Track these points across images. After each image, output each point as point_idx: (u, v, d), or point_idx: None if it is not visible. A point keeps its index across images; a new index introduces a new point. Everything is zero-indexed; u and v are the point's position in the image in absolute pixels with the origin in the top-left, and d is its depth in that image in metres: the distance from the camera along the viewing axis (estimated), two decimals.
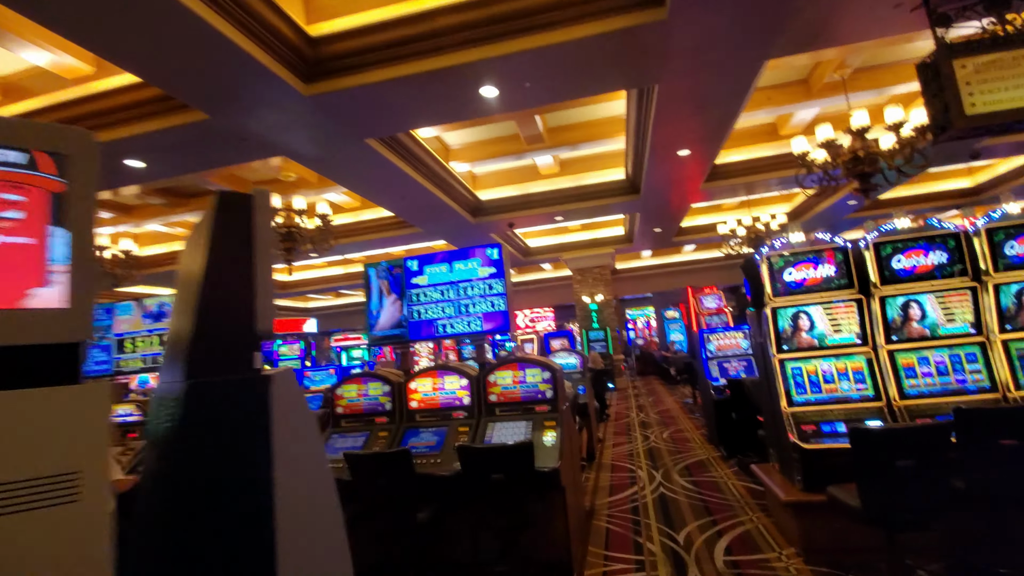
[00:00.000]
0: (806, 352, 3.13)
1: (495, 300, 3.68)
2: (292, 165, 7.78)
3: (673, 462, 5.56)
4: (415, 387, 3.74)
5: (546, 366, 3.51)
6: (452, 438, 3.46)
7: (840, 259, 3.12)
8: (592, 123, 7.78)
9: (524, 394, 3.53)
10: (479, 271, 3.74)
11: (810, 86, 7.15)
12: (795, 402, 3.09)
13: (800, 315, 3.14)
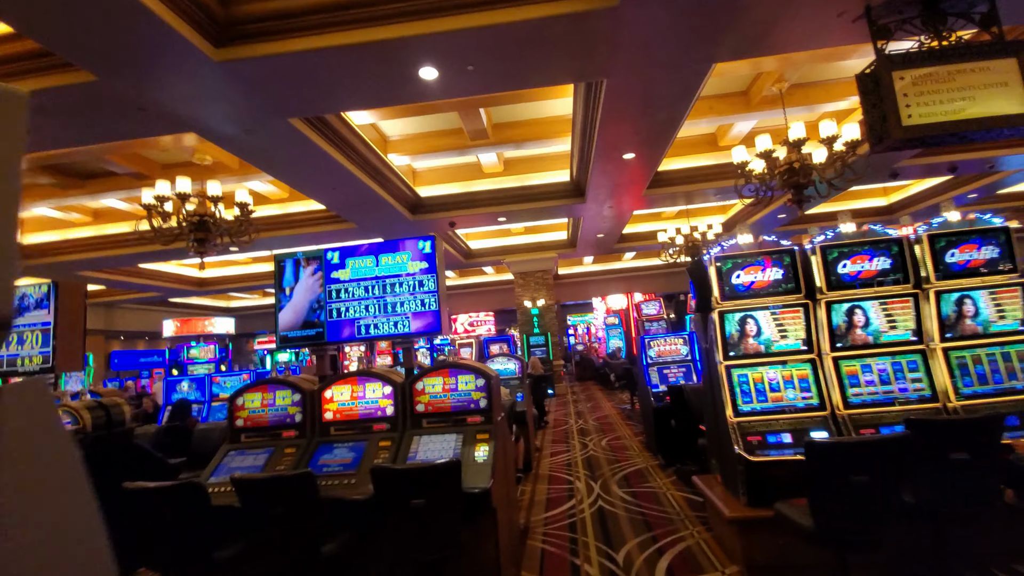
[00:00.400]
0: (752, 359, 2.99)
1: (426, 298, 3.30)
2: (208, 146, 7.01)
3: (611, 472, 5.36)
4: (331, 396, 3.29)
5: (480, 372, 3.17)
6: (371, 454, 3.04)
7: (788, 262, 3.01)
8: (538, 122, 7.57)
9: (455, 403, 3.17)
10: (409, 266, 3.35)
11: (749, 98, 7.29)
12: (741, 411, 2.93)
13: (747, 320, 2.99)
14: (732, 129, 8.29)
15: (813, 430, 2.85)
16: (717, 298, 3.04)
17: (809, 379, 2.94)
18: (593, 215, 10.09)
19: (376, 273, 3.36)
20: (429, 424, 3.17)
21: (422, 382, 3.21)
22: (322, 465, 3.02)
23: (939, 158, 8.79)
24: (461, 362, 3.22)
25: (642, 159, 7.18)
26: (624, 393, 11.97)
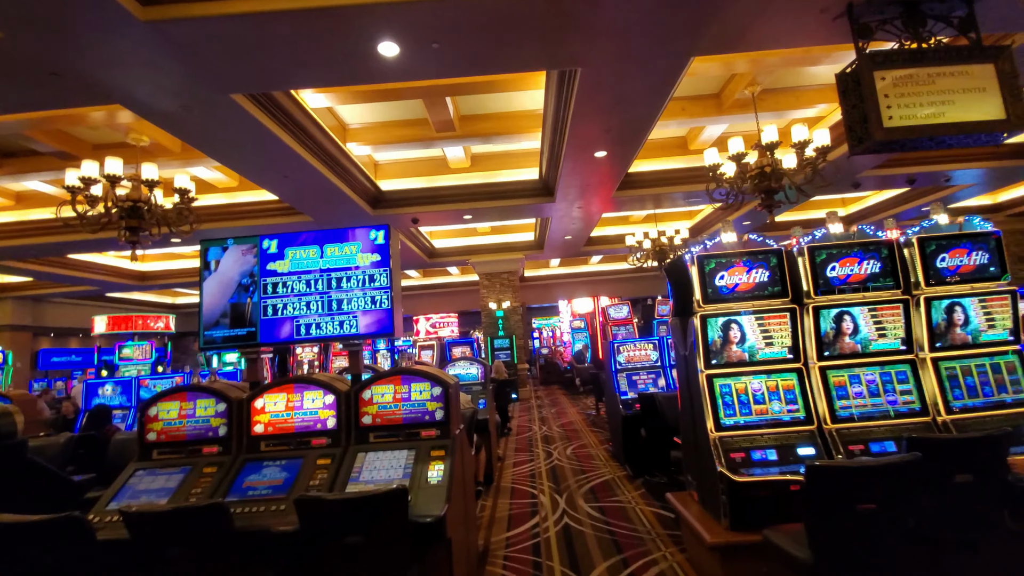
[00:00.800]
0: (736, 368, 2.74)
1: (378, 295, 2.91)
2: (144, 126, 6.36)
3: (577, 484, 5.07)
4: (262, 406, 2.85)
5: (436, 379, 2.80)
6: (307, 475, 2.62)
7: (774, 264, 2.78)
8: (508, 115, 7.26)
9: (407, 415, 2.79)
10: (359, 258, 2.95)
11: (721, 101, 7.20)
12: (723, 425, 2.68)
13: (731, 325, 2.74)
14: (703, 133, 8.21)
15: (800, 446, 2.62)
16: (699, 301, 2.78)
17: (795, 390, 2.72)
18: (562, 215, 9.85)
19: (320, 265, 2.95)
20: (377, 439, 2.78)
21: (369, 390, 2.81)
22: (247, 488, 2.59)
23: (898, 170, 8.98)
24: (415, 368, 2.84)
25: (613, 158, 6.96)
26: (589, 398, 11.79)
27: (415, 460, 2.63)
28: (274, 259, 2.98)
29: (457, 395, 2.99)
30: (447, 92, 6.02)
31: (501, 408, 8.20)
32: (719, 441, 2.65)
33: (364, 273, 2.93)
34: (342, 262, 2.95)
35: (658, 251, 11.18)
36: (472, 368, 5.75)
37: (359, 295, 2.92)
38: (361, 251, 2.95)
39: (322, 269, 2.95)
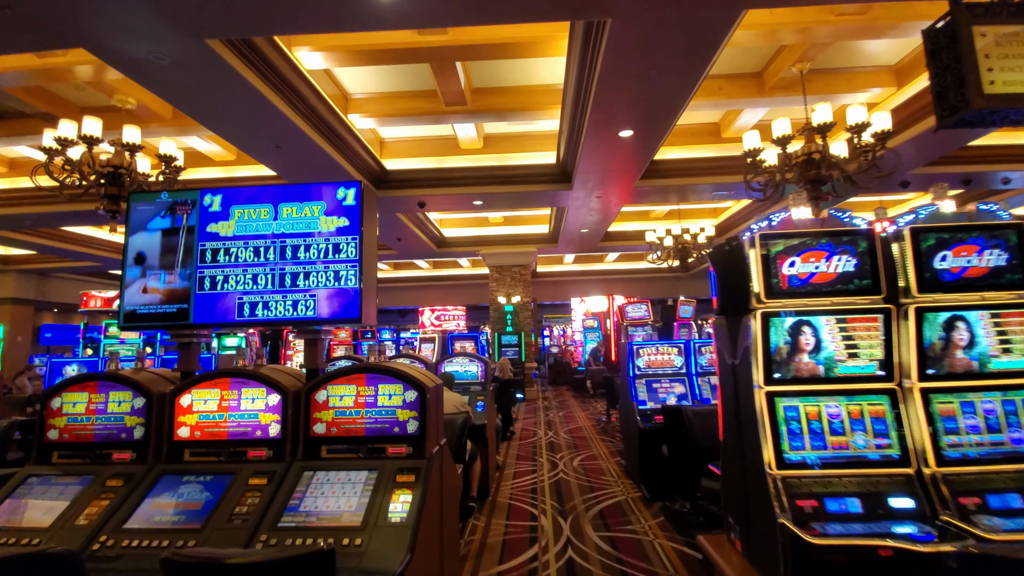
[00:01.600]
0: (807, 385, 2.06)
1: (344, 270, 2.28)
2: (131, 87, 5.83)
3: (585, 504, 4.41)
4: (189, 403, 2.24)
5: (410, 381, 2.16)
6: (234, 498, 2.00)
7: (864, 248, 2.10)
8: (524, 90, 6.58)
9: (372, 425, 2.16)
10: (322, 222, 2.32)
11: (764, 81, 6.45)
12: (788, 461, 2.00)
13: (802, 328, 2.06)
14: (739, 119, 7.45)
15: (892, 495, 1.93)
16: (760, 294, 2.10)
17: (887, 418, 2.03)
18: (579, 206, 9.16)
19: (273, 229, 2.33)
20: (331, 454, 2.15)
21: (325, 391, 2.19)
22: (154, 512, 1.98)
23: (952, 168, 8.13)
24: (385, 365, 2.21)
25: (639, 138, 6.26)
26: (600, 402, 11.10)
27: (376, 486, 2.00)
28: (216, 219, 2.36)
29: (438, 401, 2.35)
30: (457, 56, 5.38)
31: (504, 409, 7.56)
32: (781, 482, 1.97)
33: (327, 241, 2.30)
34: (301, 226, 2.33)
35: (680, 249, 10.43)
36: (472, 366, 5.12)
37: (320, 269, 2.29)
38: (325, 213, 2.32)
39: (275, 234, 2.33)
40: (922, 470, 2.00)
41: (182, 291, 2.32)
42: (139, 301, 2.34)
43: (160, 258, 2.35)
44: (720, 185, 8.38)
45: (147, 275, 2.35)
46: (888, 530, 1.85)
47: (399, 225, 10.24)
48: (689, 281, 17.45)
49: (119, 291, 2.38)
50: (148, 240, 2.38)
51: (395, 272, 18.33)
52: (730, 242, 2.57)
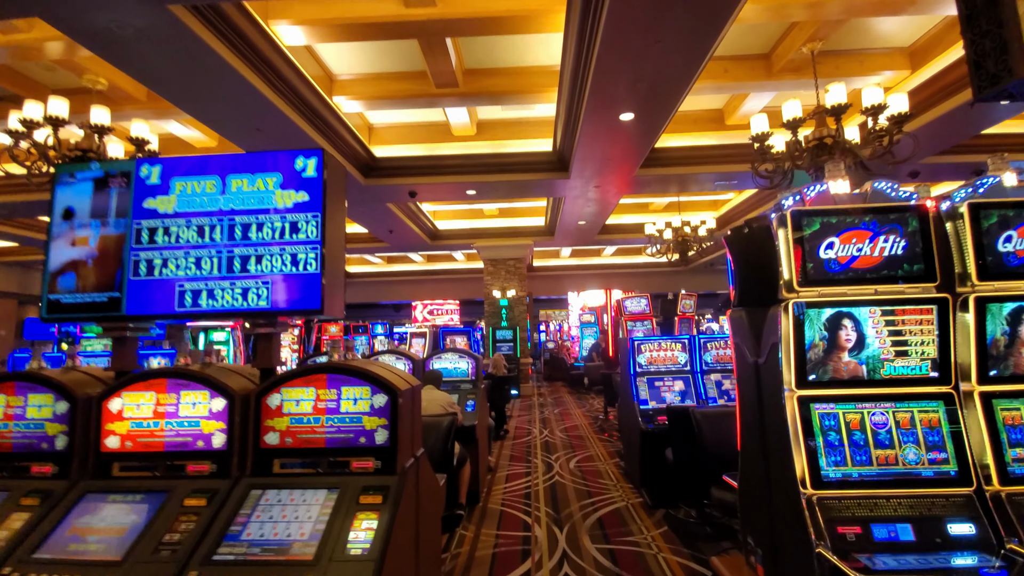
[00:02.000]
0: (848, 388, 1.75)
1: (301, 252, 1.94)
2: (103, 67, 5.45)
3: (582, 511, 4.11)
4: (119, 409, 1.90)
5: (379, 383, 1.84)
6: (166, 522, 1.68)
7: (914, 227, 1.78)
8: (519, 71, 6.24)
9: (333, 435, 1.83)
10: (277, 196, 1.98)
11: (772, 62, 6.13)
12: (826, 479, 1.68)
13: (842, 321, 1.74)
14: (744, 104, 7.14)
15: (951, 520, 1.63)
16: (792, 282, 1.78)
17: (942, 428, 1.72)
18: (576, 196, 8.83)
19: (220, 206, 1.99)
20: (285, 469, 1.83)
21: (278, 395, 1.86)
22: (71, 538, 1.65)
23: (965, 157, 7.84)
24: (350, 364, 1.88)
25: (640, 123, 5.92)
26: (596, 398, 10.81)
27: (336, 509, 1.68)
28: (154, 193, 2.02)
29: (414, 406, 2.03)
30: (447, 31, 5.02)
31: (498, 407, 7.25)
32: (818, 503, 1.66)
33: (284, 219, 1.96)
34: (252, 202, 1.99)
35: (680, 242, 10.12)
36: (462, 362, 4.80)
37: (275, 251, 1.95)
38: (281, 186, 1.98)
39: (223, 211, 1.99)
40: (984, 489, 1.69)
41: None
42: (52, 289, 1.99)
43: (92, 239, 2.01)
44: (723, 175, 8.07)
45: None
46: (947, 563, 1.54)
47: (391, 216, 9.89)
48: (689, 276, 17.16)
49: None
50: (79, 218, 2.03)
51: (389, 266, 17.98)
52: (750, 223, 2.25)
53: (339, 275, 2.08)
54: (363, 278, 18.54)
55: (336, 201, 2.09)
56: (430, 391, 4.04)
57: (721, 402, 4.39)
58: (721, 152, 7.70)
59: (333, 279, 2.01)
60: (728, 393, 4.43)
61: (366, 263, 17.64)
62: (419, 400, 2.12)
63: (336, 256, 2.05)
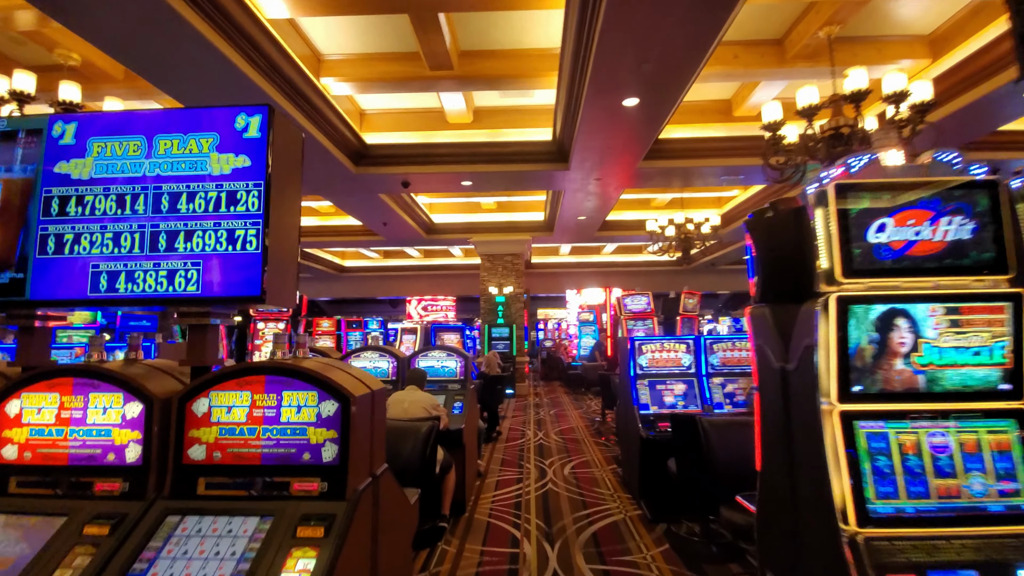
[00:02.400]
0: (899, 403, 1.43)
1: (240, 228, 1.61)
2: (76, 43, 5.11)
3: (576, 524, 3.79)
4: (17, 412, 1.58)
5: (328, 387, 1.51)
6: (58, 555, 1.36)
7: (984, 207, 1.46)
8: (517, 54, 5.90)
9: (272, 449, 1.51)
10: (213, 161, 1.65)
11: (785, 48, 5.80)
12: (874, 514, 1.36)
13: (895, 321, 1.42)
14: (753, 95, 6.81)
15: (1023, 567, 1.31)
16: (835, 271, 1.46)
17: (1014, 453, 1.40)
18: (576, 189, 8.49)
19: (145, 171, 1.66)
20: (211, 490, 1.50)
21: (206, 400, 1.53)
22: None
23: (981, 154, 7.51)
24: (293, 364, 1.55)
25: (645, 109, 5.58)
26: (594, 399, 10.49)
27: (266, 543, 1.35)
28: (68, 155, 1.69)
29: (372, 415, 1.70)
30: (440, 5, 4.68)
31: (490, 408, 6.93)
32: (864, 544, 1.33)
33: (220, 188, 1.64)
34: (183, 167, 1.66)
35: (683, 239, 9.79)
36: (450, 361, 4.47)
37: (208, 227, 1.62)
38: (218, 148, 1.65)
39: (148, 178, 1.66)
40: None
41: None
42: None
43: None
44: (730, 168, 7.75)
45: None
46: None
47: (384, 208, 9.55)
48: (690, 275, 16.84)
49: None
50: None
51: (385, 260, 17.65)
52: (776, 205, 1.93)
53: (289, 258, 1.75)
54: (359, 272, 18.21)
55: (287, 170, 1.76)
56: (412, 392, 3.72)
57: (728, 408, 4.07)
58: (728, 145, 7.36)
59: (280, 262, 1.68)
60: (735, 399, 4.12)
61: (362, 257, 17.31)
62: (382, 407, 1.79)
63: (285, 235, 1.73)
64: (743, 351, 4.26)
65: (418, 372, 3.84)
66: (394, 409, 3.59)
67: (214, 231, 1.63)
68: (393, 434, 2.91)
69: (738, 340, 4.32)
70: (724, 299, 23.16)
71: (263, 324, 7.59)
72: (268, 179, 1.64)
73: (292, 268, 1.78)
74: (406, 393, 3.70)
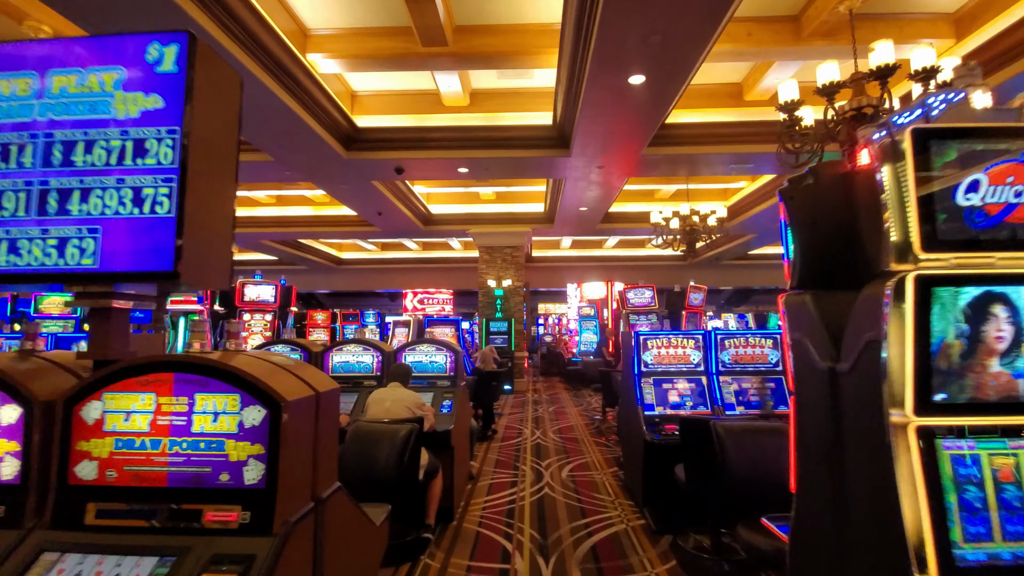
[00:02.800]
0: (998, 416, 1.10)
1: (151, 187, 1.27)
2: (47, 15, 4.76)
3: (574, 536, 3.47)
4: None
5: (255, 390, 1.17)
6: None
7: None
8: (515, 29, 5.54)
9: (180, 468, 1.18)
10: (118, 102, 1.31)
11: (801, 25, 5.43)
12: (962, 561, 1.04)
13: (992, 308, 1.09)
14: (765, 77, 6.44)
15: None
16: (915, 244, 1.12)
17: None
18: (577, 177, 8.14)
19: (35, 115, 1.33)
20: (103, 519, 1.17)
21: (98, 403, 1.20)
22: None
23: None
24: (210, 359, 1.22)
25: (652, 87, 5.22)
26: (594, 395, 10.17)
27: None
28: None
29: (318, 424, 1.37)
30: None
31: (486, 406, 6.61)
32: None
33: (125, 135, 1.30)
34: (81, 109, 1.32)
35: (688, 232, 9.43)
36: (439, 356, 4.14)
37: (110, 185, 1.28)
38: (124, 86, 1.31)
39: (38, 123, 1.33)
40: None
41: None
42: None
43: None
44: (738, 156, 7.38)
45: None
46: None
47: (378, 197, 9.20)
48: (693, 270, 16.47)
49: None
50: None
51: (383, 253, 17.32)
52: (816, 171, 1.59)
53: (219, 228, 1.41)
54: (356, 265, 17.89)
55: (219, 119, 1.42)
56: (396, 389, 3.39)
57: (740, 410, 3.74)
58: (737, 131, 7.00)
59: (205, 231, 1.34)
60: (747, 399, 3.78)
61: (360, 249, 16.98)
62: (332, 413, 1.46)
63: (214, 199, 1.39)
64: (757, 347, 3.92)
65: (402, 368, 3.51)
66: (374, 408, 3.27)
67: (116, 189, 1.29)
68: (366, 439, 2.59)
69: (751, 336, 3.99)
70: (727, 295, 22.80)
71: (249, 316, 7.26)
72: (187, 125, 1.29)
73: (225, 242, 1.44)
74: (388, 391, 3.37)
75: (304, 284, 18.36)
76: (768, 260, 16.91)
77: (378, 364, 4.10)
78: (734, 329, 5.08)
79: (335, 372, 4.04)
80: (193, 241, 1.29)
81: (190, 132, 1.30)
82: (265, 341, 4.11)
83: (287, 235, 12.82)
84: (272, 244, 13.57)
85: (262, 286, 7.52)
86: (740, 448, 2.41)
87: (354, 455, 2.49)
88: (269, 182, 9.62)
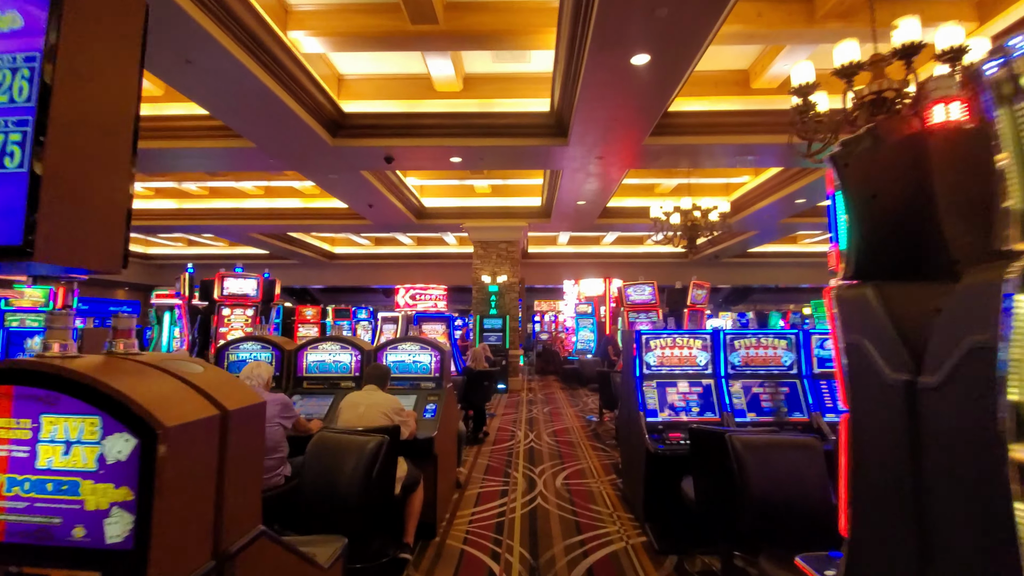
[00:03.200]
0: None
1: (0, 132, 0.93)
2: None
3: (568, 556, 3.15)
4: None
5: (121, 411, 0.83)
6: None
7: None
8: (510, 6, 5.20)
9: (19, 519, 0.83)
10: None
11: (815, 7, 5.12)
12: None
13: None
14: (774, 63, 6.11)
15: None
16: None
17: None
18: (576, 168, 7.80)
19: None
20: None
21: None
22: None
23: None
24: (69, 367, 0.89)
25: (656, 68, 4.88)
26: (591, 395, 9.86)
27: None
28: None
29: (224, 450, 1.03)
30: None
31: (477, 407, 6.29)
32: None
33: None
34: None
35: (689, 227, 9.11)
36: (423, 355, 3.80)
37: None
38: None
39: None
40: None
41: None
42: None
43: None
44: (743, 147, 7.06)
45: None
46: None
47: (369, 188, 8.84)
48: (693, 268, 16.16)
49: None
50: None
51: (376, 248, 16.95)
52: (875, 132, 1.26)
53: (104, 191, 1.07)
54: (349, 260, 17.53)
55: (107, 49, 1.08)
56: (372, 393, 3.06)
57: (751, 416, 3.42)
58: (743, 120, 6.68)
59: (77, 194, 1.00)
60: (760, 404, 3.47)
61: (352, 244, 16.61)
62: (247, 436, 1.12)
63: (97, 155, 1.05)
64: (769, 348, 3.61)
65: (379, 369, 3.17)
66: (347, 414, 2.93)
67: None
68: (331, 453, 2.25)
69: (763, 336, 3.67)
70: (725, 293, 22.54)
71: (229, 311, 6.91)
72: (53, 50, 0.95)
73: (115, 211, 1.10)
74: (364, 395, 3.04)
75: (297, 279, 17.99)
76: (768, 258, 16.63)
77: (356, 364, 3.77)
78: (749, 329, 4.76)
79: (309, 372, 3.71)
80: (60, 207, 0.96)
81: (56, 62, 0.96)
82: (235, 339, 3.76)
83: (276, 228, 12.45)
84: (261, 237, 13.19)
85: (243, 279, 7.16)
86: (762, 465, 2.09)
87: (315, 472, 2.16)
88: (254, 171, 9.26)
